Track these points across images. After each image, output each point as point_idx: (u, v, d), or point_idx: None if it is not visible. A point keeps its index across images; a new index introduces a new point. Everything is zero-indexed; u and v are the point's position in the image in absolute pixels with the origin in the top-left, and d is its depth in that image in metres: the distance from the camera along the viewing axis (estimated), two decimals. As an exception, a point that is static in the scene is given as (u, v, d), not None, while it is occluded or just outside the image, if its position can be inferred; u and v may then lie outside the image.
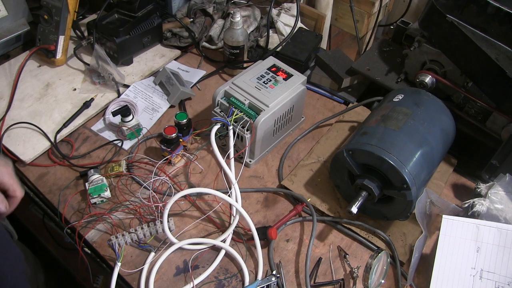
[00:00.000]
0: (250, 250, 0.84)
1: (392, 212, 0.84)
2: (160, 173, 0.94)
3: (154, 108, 1.08)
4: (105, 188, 0.87)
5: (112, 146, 1.00)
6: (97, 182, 0.87)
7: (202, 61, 1.23)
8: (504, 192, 0.86)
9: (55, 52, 1.13)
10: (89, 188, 0.87)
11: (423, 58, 1.02)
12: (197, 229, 0.87)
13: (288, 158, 1.01)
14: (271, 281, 0.78)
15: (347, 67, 1.14)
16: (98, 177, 0.88)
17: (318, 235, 0.87)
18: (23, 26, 1.22)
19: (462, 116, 0.98)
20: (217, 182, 0.93)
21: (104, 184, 0.87)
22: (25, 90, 1.09)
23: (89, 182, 0.88)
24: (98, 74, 1.12)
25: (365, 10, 1.42)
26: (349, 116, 1.09)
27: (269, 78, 0.96)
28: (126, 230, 0.83)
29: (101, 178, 0.88)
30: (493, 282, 0.76)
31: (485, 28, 0.89)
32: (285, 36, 1.24)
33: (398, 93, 0.92)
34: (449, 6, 0.92)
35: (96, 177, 0.88)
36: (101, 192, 0.87)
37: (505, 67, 0.83)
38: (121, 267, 0.79)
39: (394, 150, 0.78)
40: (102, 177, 0.88)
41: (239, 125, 0.90)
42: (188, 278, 0.80)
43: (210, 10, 1.28)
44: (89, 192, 0.86)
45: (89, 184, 0.88)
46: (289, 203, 0.92)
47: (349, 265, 0.83)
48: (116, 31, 1.09)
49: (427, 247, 0.86)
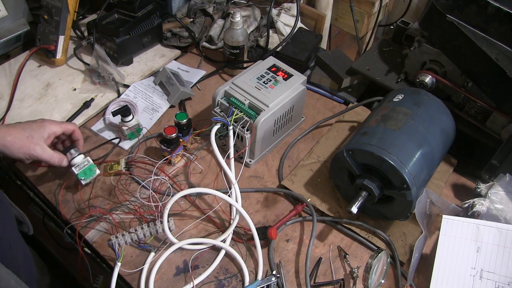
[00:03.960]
0: (250, 250, 0.84)
1: (392, 212, 0.84)
2: (160, 173, 0.94)
3: (154, 108, 1.08)
4: (94, 169, 0.86)
5: (112, 146, 0.99)
6: (83, 164, 0.85)
7: (202, 61, 1.23)
8: (504, 192, 0.86)
9: (55, 52, 1.13)
10: (79, 173, 0.85)
11: (423, 58, 1.02)
12: (197, 229, 0.87)
13: (288, 158, 1.01)
14: (271, 281, 0.78)
15: (347, 67, 1.14)
16: (80, 157, 0.86)
17: (318, 235, 0.87)
18: (23, 26, 1.22)
19: (462, 116, 0.98)
20: (217, 182, 0.93)
21: (92, 165, 0.86)
22: (25, 90, 1.09)
23: (75, 165, 0.85)
24: (98, 74, 1.12)
25: (365, 10, 1.43)
26: (349, 116, 1.09)
27: (269, 78, 0.96)
28: (126, 230, 0.83)
29: (86, 159, 0.86)
30: (493, 282, 0.76)
31: (485, 28, 0.89)
32: (285, 36, 1.24)
33: (398, 93, 0.92)
34: (449, 6, 0.92)
35: (79, 159, 0.85)
36: (91, 174, 0.86)
37: (505, 67, 0.83)
38: (121, 267, 0.79)
39: (394, 150, 0.78)
40: (85, 157, 0.86)
41: (239, 125, 0.90)
42: (188, 278, 0.80)
43: (210, 10, 1.28)
44: (80, 177, 0.85)
45: (76, 168, 0.85)
46: (289, 203, 0.92)
47: (349, 265, 0.83)
48: (116, 31, 1.09)
49: (427, 247, 0.86)
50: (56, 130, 0.84)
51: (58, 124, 0.85)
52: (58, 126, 0.85)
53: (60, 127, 0.85)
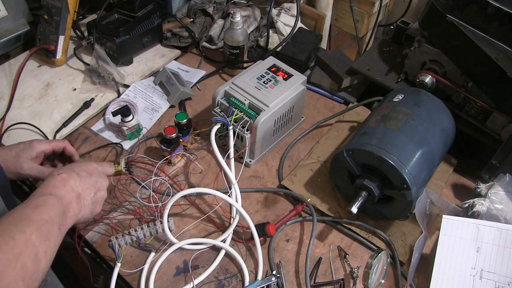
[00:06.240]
0: (250, 250, 0.84)
1: (392, 212, 0.84)
2: (160, 173, 0.94)
3: (154, 108, 1.08)
4: None
5: (112, 147, 1.00)
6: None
7: (202, 61, 1.23)
8: (504, 192, 0.86)
9: (55, 52, 1.13)
10: None
11: (423, 58, 1.02)
12: (197, 229, 0.87)
13: (288, 158, 1.01)
14: (271, 281, 0.78)
15: (347, 67, 1.14)
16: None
17: (318, 235, 0.87)
18: (23, 26, 1.22)
19: (462, 116, 0.98)
20: (217, 182, 0.93)
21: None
22: (25, 90, 1.09)
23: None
24: (98, 74, 1.12)
25: (365, 10, 1.43)
26: (349, 116, 1.09)
27: (269, 78, 0.96)
28: (126, 230, 0.83)
29: None
30: (493, 282, 0.76)
31: (485, 28, 0.89)
32: (285, 36, 1.24)
33: (398, 93, 0.92)
34: (449, 6, 0.92)
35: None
36: None
37: (505, 67, 0.83)
38: (121, 267, 0.79)
39: (394, 150, 0.78)
40: None
41: (239, 125, 0.90)
42: (188, 278, 0.80)
43: (210, 10, 1.28)
44: None
45: None
46: (289, 203, 0.92)
47: (349, 265, 0.83)
48: (116, 31, 1.09)
49: (427, 247, 0.86)
50: (44, 148, 0.83)
51: (47, 142, 0.84)
52: (47, 144, 0.84)
53: (49, 145, 0.84)
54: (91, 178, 0.73)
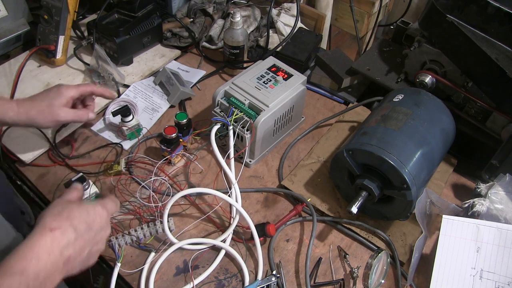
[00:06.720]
0: (250, 250, 0.84)
1: (392, 212, 0.84)
2: (160, 173, 0.94)
3: (154, 108, 1.08)
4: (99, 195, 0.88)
5: (112, 147, 0.99)
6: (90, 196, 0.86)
7: (202, 61, 1.23)
8: (504, 192, 0.86)
9: (55, 52, 1.13)
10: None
11: (423, 58, 1.02)
12: (197, 229, 0.87)
13: (288, 158, 1.01)
14: (271, 281, 0.78)
15: (347, 67, 1.14)
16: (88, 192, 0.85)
17: (318, 235, 0.87)
18: (23, 26, 1.22)
19: (462, 116, 0.98)
20: (217, 182, 0.93)
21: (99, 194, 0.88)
22: (25, 90, 1.09)
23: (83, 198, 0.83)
24: (98, 74, 1.12)
25: (365, 10, 1.43)
26: (349, 116, 1.09)
27: (269, 78, 0.96)
28: (126, 230, 0.83)
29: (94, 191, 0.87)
30: (493, 282, 0.76)
31: (485, 28, 0.89)
32: (285, 36, 1.24)
33: (398, 93, 0.92)
34: (449, 6, 0.92)
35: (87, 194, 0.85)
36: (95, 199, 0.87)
37: (505, 67, 0.83)
38: (121, 267, 0.79)
39: (394, 150, 0.78)
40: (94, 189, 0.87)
41: (239, 125, 0.90)
42: (188, 278, 0.80)
43: (210, 10, 1.28)
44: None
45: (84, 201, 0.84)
46: (289, 203, 0.92)
47: (349, 265, 0.83)
48: (116, 31, 1.09)
49: (427, 247, 0.86)
50: (73, 94, 0.88)
51: (75, 87, 0.89)
52: (75, 89, 0.88)
53: (77, 90, 0.89)
54: (89, 233, 0.61)
